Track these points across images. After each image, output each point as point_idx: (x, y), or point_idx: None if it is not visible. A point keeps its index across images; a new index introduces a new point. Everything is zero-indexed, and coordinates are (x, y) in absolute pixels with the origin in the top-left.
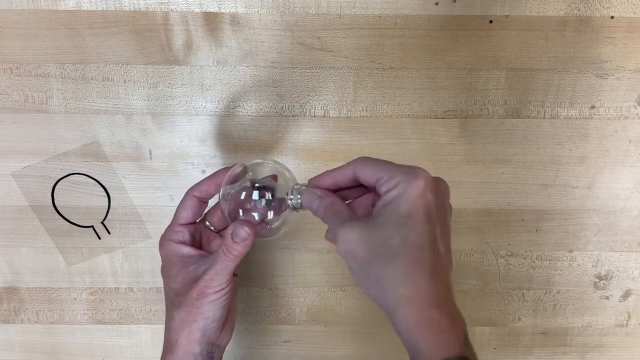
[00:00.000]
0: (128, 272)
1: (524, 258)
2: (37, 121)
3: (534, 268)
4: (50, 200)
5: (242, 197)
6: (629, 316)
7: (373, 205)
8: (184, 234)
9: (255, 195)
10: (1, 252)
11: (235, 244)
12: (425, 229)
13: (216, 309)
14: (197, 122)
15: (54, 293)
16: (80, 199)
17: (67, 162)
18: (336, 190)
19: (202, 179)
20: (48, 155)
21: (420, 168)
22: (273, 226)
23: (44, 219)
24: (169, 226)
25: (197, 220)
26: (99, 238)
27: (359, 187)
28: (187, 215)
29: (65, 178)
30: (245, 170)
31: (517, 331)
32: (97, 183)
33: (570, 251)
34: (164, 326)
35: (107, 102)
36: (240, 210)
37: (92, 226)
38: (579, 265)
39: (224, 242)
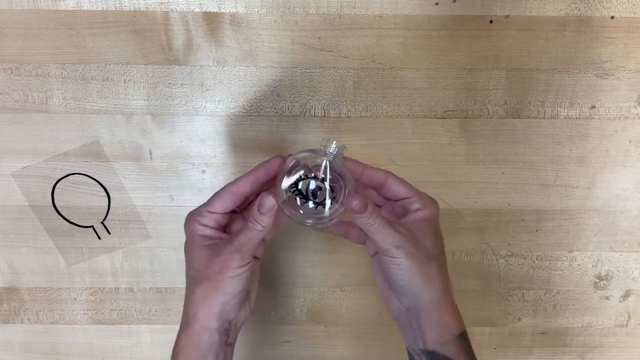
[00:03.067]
0: (128, 272)
1: (524, 258)
2: (37, 121)
3: (534, 268)
4: (50, 200)
5: (303, 189)
6: (629, 316)
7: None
8: (210, 219)
9: (314, 185)
10: (1, 252)
11: (262, 215)
12: (442, 242)
13: (236, 284)
14: (197, 122)
15: (54, 293)
16: (80, 199)
17: (67, 162)
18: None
19: (240, 175)
20: (48, 155)
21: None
22: (331, 217)
23: (44, 219)
24: (199, 208)
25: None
26: (99, 238)
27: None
28: (219, 207)
29: (65, 178)
30: (297, 164)
31: (517, 331)
32: (97, 183)
33: (571, 251)
34: (163, 326)
35: (107, 102)
36: (299, 200)
37: (92, 226)
38: (579, 265)
39: (251, 214)
